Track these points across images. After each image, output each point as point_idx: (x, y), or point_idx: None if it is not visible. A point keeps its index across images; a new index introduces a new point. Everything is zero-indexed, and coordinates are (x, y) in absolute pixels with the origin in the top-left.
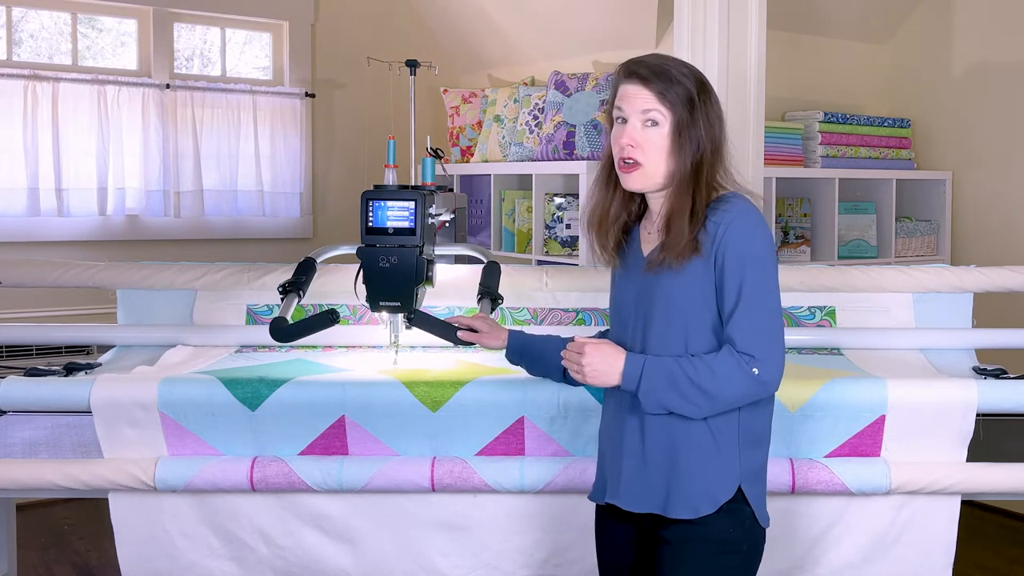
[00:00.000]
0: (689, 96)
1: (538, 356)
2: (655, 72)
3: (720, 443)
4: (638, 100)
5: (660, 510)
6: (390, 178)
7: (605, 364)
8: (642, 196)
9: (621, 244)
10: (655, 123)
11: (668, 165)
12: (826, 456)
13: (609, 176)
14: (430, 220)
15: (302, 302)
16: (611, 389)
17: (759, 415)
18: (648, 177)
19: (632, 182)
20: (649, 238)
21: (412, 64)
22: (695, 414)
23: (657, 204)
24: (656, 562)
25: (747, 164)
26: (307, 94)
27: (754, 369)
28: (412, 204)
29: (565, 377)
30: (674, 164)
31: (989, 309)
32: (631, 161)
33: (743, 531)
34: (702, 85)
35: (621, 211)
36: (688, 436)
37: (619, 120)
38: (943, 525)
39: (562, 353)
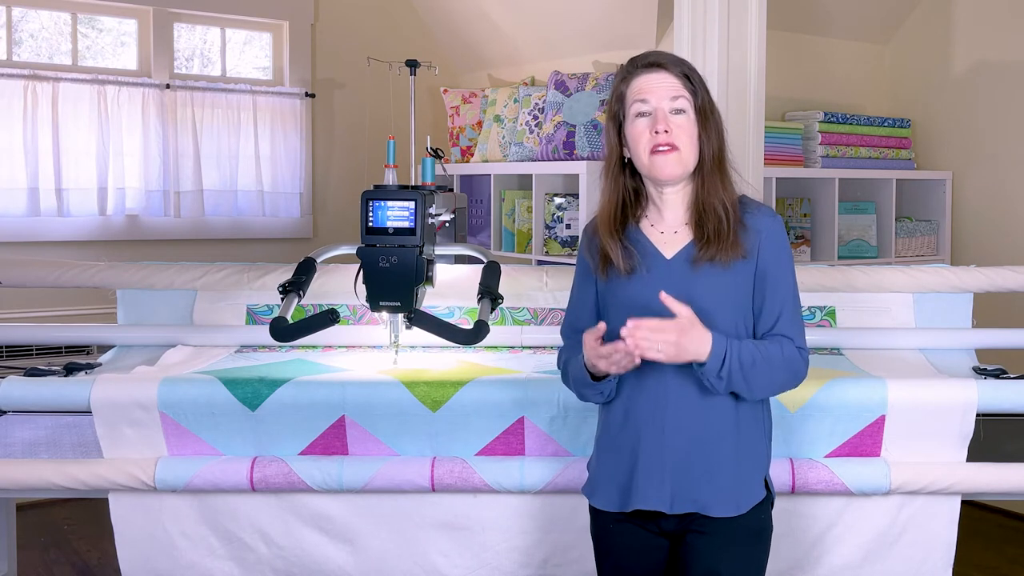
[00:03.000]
0: (703, 81)
1: None
2: (673, 60)
3: (758, 438)
4: (664, 87)
5: (702, 508)
6: (390, 178)
7: (695, 344)
8: (645, 196)
9: (630, 249)
10: (681, 111)
11: (696, 151)
12: (826, 456)
13: (616, 177)
14: (430, 220)
15: (302, 302)
16: (622, 395)
17: (769, 409)
18: (683, 163)
19: (669, 167)
20: (664, 237)
21: (412, 64)
22: (753, 397)
23: (675, 200)
24: (688, 554)
25: (747, 164)
26: (307, 94)
27: (805, 361)
28: (412, 204)
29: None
30: (702, 149)
31: (989, 309)
32: (667, 146)
33: (769, 518)
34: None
35: (630, 213)
36: (729, 433)
37: (641, 115)
38: (943, 525)
39: (631, 332)
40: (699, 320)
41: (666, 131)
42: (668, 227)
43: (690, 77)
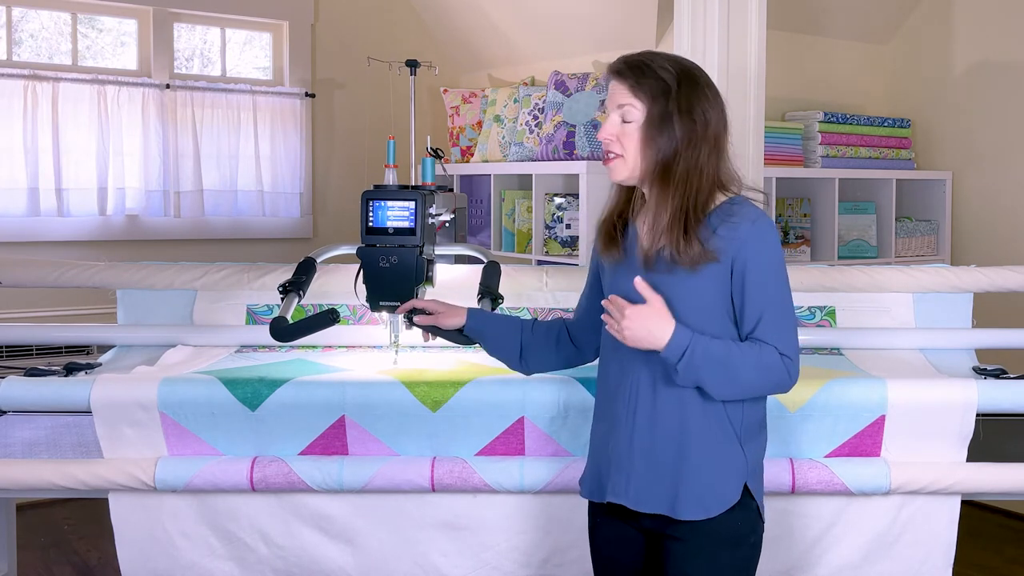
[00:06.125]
0: (664, 89)
1: (497, 334)
2: (630, 66)
3: (728, 441)
4: (615, 95)
5: (669, 511)
6: (390, 178)
7: (645, 331)
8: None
9: (618, 239)
10: (628, 120)
11: (645, 157)
12: (826, 456)
13: None
14: (430, 220)
15: (302, 302)
16: (607, 386)
17: (758, 408)
18: (628, 168)
19: (614, 173)
20: (644, 235)
21: (412, 64)
22: (721, 396)
23: (651, 200)
24: (664, 559)
25: (747, 164)
26: (307, 94)
27: (789, 370)
28: (412, 204)
29: (521, 362)
30: (651, 156)
31: (989, 309)
32: (611, 154)
33: (750, 525)
34: (687, 78)
35: (625, 207)
36: (698, 434)
37: (605, 115)
38: (943, 525)
39: (604, 304)
40: (667, 311)
41: (608, 139)
42: (648, 225)
43: (637, 87)
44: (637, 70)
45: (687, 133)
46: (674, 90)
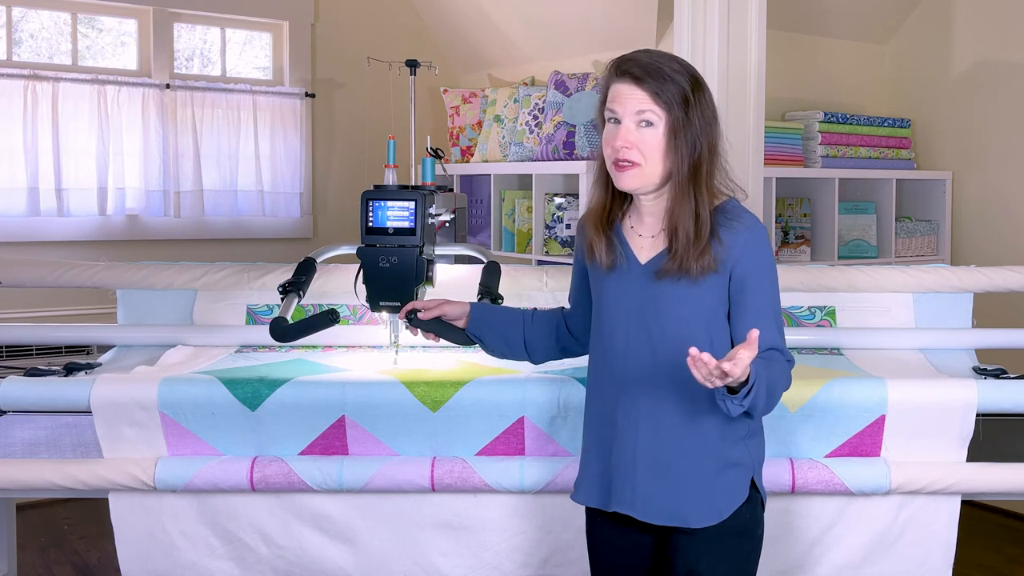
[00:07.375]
0: (684, 95)
1: (500, 335)
2: (648, 71)
3: (734, 442)
4: (631, 100)
5: (681, 522)
6: (390, 178)
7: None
8: (631, 197)
9: (605, 243)
10: (649, 123)
11: (665, 165)
12: (826, 456)
13: (606, 177)
14: (430, 220)
15: (302, 302)
16: (600, 388)
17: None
18: (645, 177)
19: (627, 181)
20: (642, 241)
21: (412, 64)
22: (759, 416)
23: (652, 207)
24: (673, 555)
25: (747, 164)
26: (307, 94)
27: (790, 374)
28: (412, 204)
29: (527, 356)
30: (671, 165)
31: (989, 309)
32: (627, 162)
33: (756, 517)
34: (696, 82)
35: (617, 212)
36: (704, 441)
37: (612, 120)
38: (943, 525)
39: (703, 372)
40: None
41: (626, 147)
42: (647, 231)
43: (660, 94)
44: (657, 76)
45: (706, 140)
46: (691, 96)
